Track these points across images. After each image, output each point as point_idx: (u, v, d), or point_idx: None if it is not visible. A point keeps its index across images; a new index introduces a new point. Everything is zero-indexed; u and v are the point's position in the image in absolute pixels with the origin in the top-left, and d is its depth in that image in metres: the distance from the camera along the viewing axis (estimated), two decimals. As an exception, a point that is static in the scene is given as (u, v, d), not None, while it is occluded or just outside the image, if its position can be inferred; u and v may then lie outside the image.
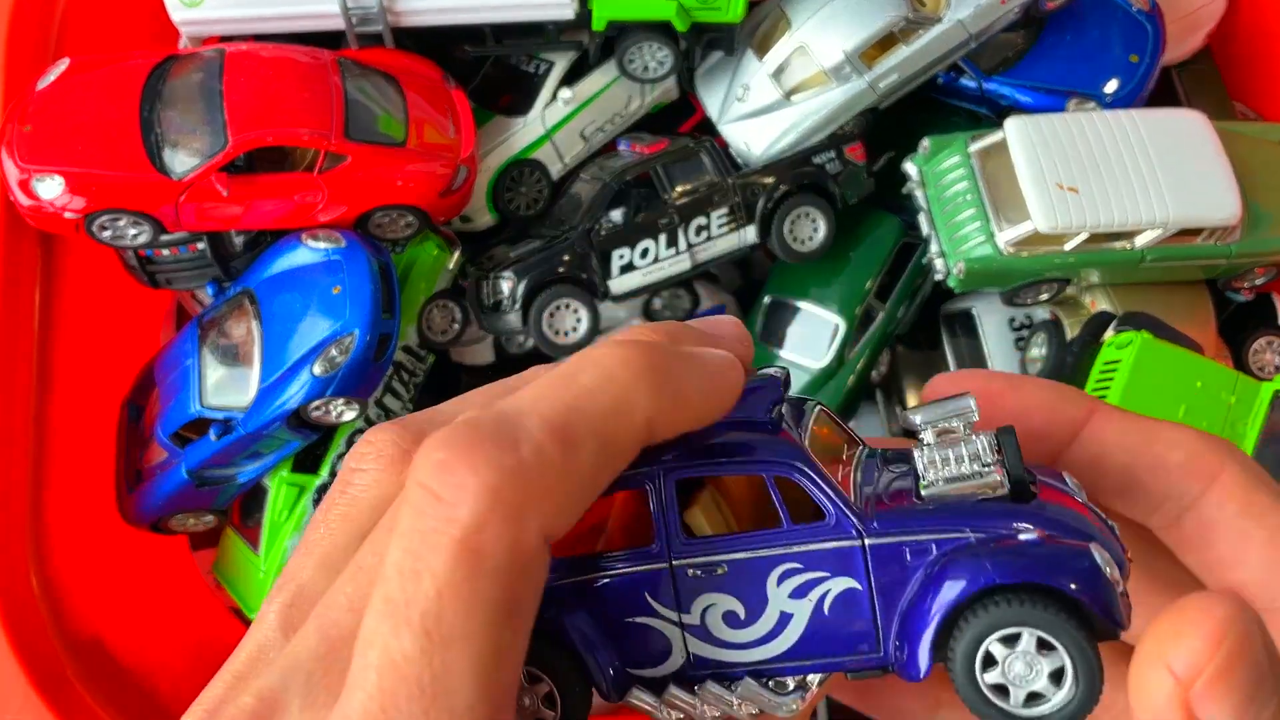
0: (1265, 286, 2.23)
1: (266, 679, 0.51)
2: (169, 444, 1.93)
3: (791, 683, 0.66)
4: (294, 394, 1.80)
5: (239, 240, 2.03)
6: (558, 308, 2.07)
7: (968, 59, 2.23)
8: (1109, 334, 1.97)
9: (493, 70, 2.28)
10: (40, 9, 2.05)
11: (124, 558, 2.02)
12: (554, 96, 2.22)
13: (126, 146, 1.83)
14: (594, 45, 2.18)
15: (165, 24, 2.00)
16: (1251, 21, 2.44)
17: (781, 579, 0.65)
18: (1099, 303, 2.16)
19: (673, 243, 2.11)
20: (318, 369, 1.80)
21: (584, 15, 2.06)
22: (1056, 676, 0.60)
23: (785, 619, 0.65)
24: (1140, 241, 2.01)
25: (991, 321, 2.23)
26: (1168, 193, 1.99)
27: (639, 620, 0.66)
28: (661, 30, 2.11)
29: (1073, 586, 0.59)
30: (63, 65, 1.92)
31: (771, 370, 0.69)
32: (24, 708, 1.66)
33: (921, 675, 0.62)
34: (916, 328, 2.33)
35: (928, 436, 0.66)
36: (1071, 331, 2.13)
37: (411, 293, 2.06)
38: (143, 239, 1.89)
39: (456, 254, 2.17)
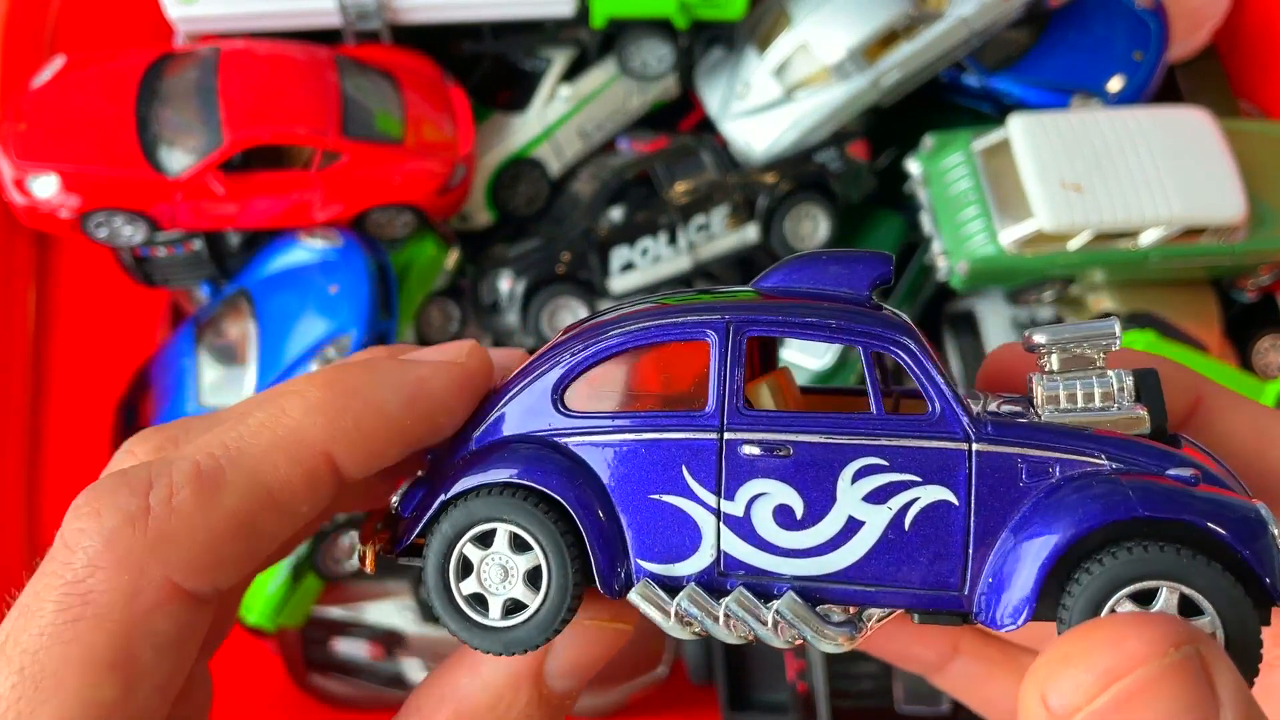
0: (1270, 286, 2.21)
1: None
2: (165, 445, 1.91)
3: (839, 614, 0.55)
4: (291, 394, 1.79)
5: (235, 239, 2.01)
6: (557, 307, 2.06)
7: (971, 56, 2.21)
8: (1113, 334, 1.95)
9: (491, 67, 2.26)
10: (36, 6, 2.04)
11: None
12: (553, 94, 2.20)
13: (122, 145, 1.81)
14: (593, 42, 2.16)
15: (161, 21, 1.98)
16: (1256, 19, 2.42)
17: (858, 476, 0.54)
18: (1103, 302, 2.14)
19: (673, 241, 2.10)
20: (315, 369, 1.78)
21: (583, 12, 2.05)
22: None
23: (853, 526, 0.54)
24: (1145, 240, 1.99)
25: (994, 321, 2.21)
26: (1172, 191, 1.97)
27: (666, 499, 0.56)
28: (661, 27, 2.10)
29: (1239, 540, 0.49)
30: (58, 63, 1.91)
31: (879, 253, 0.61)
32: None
33: (1019, 624, 0.52)
34: (919, 327, 2.30)
35: (1051, 363, 0.55)
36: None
37: (409, 292, 2.05)
38: (138, 238, 1.88)
39: (455, 253, 2.15)
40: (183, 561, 0.47)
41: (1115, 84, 2.22)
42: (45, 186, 1.79)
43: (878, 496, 0.54)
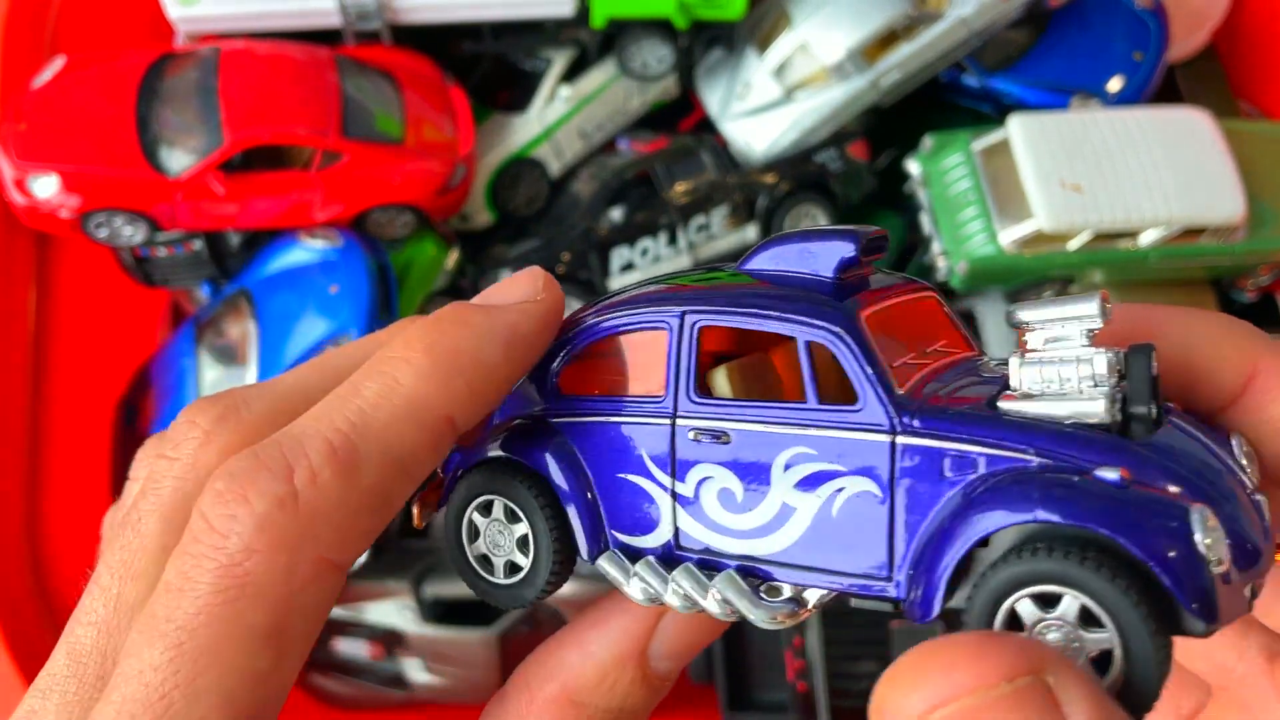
0: (1270, 286, 2.22)
1: (29, 703, 0.51)
2: (165, 445, 1.91)
3: (788, 591, 0.56)
4: (291, 394, 1.79)
5: (235, 239, 2.01)
6: (557, 307, 2.06)
7: (970, 56, 2.21)
8: (1112, 334, 1.96)
9: (491, 68, 2.26)
10: (36, 6, 2.04)
11: (120, 559, 2.00)
12: (553, 94, 2.20)
13: (122, 145, 1.81)
14: (593, 43, 2.17)
15: (161, 21, 1.98)
16: (1255, 19, 2.42)
17: (790, 464, 0.55)
18: (1102, 302, 2.14)
19: (673, 241, 2.10)
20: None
21: (583, 12, 2.05)
22: (1103, 662, 0.46)
23: (786, 512, 0.55)
24: (1144, 240, 1.99)
25: (994, 321, 2.22)
26: (1172, 191, 1.97)
27: (632, 479, 0.59)
28: (661, 27, 2.10)
29: (1145, 549, 0.44)
30: (58, 63, 1.91)
31: (868, 229, 0.59)
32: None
33: (931, 617, 0.51)
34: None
35: (1034, 340, 0.52)
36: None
37: (409, 292, 2.05)
38: (139, 238, 1.88)
39: (455, 253, 2.15)
40: (332, 539, 0.49)
41: (1115, 84, 2.22)
42: (45, 186, 1.79)
43: (807, 484, 0.55)
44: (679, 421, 0.58)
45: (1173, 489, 0.47)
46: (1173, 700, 0.65)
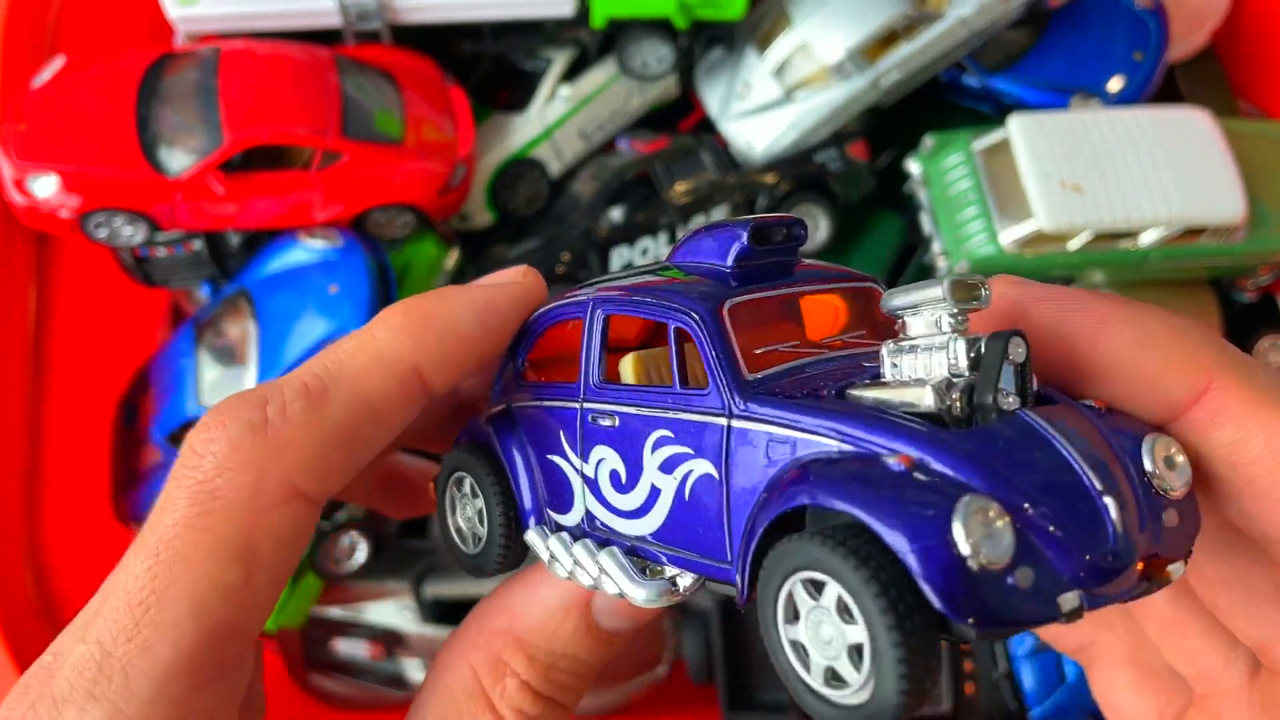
0: (1270, 286, 2.22)
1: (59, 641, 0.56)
2: (165, 445, 1.91)
3: (670, 572, 0.58)
4: (291, 394, 1.79)
5: (235, 239, 2.01)
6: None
7: (970, 56, 2.21)
8: (1113, 334, 1.96)
9: (491, 67, 2.26)
10: (35, 6, 2.04)
11: (120, 559, 2.00)
12: (553, 94, 2.20)
13: (122, 145, 1.81)
14: (593, 42, 2.17)
15: (161, 21, 1.98)
16: (1256, 19, 2.42)
17: (656, 446, 0.57)
18: (1102, 302, 2.14)
19: (673, 241, 2.10)
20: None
21: (583, 12, 2.05)
22: (857, 655, 0.44)
23: (655, 493, 0.57)
24: (1144, 240, 1.99)
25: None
26: (1172, 191, 1.97)
27: (555, 459, 0.63)
28: (661, 27, 2.10)
29: (894, 537, 0.41)
30: (58, 63, 1.91)
31: (769, 217, 0.60)
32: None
33: (742, 603, 0.52)
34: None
35: (913, 327, 0.50)
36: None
37: (409, 292, 2.04)
38: (138, 238, 1.88)
39: (455, 253, 2.15)
40: (297, 465, 0.54)
41: (1115, 84, 2.22)
42: (45, 186, 1.79)
43: (668, 466, 0.57)
44: (585, 405, 0.61)
45: (965, 480, 0.44)
46: (1157, 700, 0.65)
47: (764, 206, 2.12)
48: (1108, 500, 0.46)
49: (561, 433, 0.62)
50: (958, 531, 0.41)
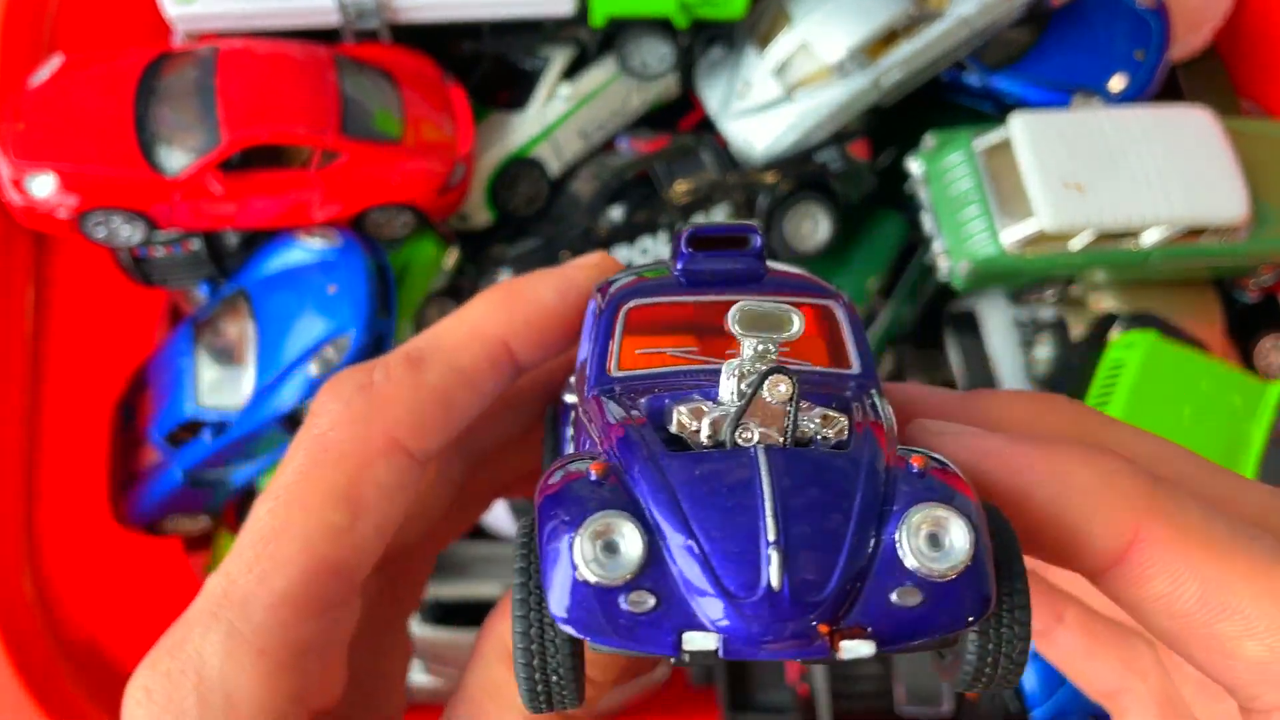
0: (1272, 286, 2.21)
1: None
2: (163, 445, 1.91)
3: None
4: (289, 395, 1.78)
5: (233, 239, 2.01)
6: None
7: (972, 55, 2.20)
8: (1115, 334, 1.95)
9: (491, 67, 2.25)
10: (34, 6, 2.03)
11: (118, 560, 2.00)
12: (553, 93, 2.20)
13: (120, 144, 1.80)
14: (593, 42, 2.16)
15: (159, 21, 1.97)
16: (1258, 17, 2.41)
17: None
18: (1104, 302, 2.14)
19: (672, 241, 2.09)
20: (313, 370, 1.78)
21: (583, 12, 2.04)
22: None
23: None
24: (1146, 240, 1.99)
25: (995, 321, 2.21)
26: (1174, 191, 1.96)
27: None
28: (661, 26, 2.09)
29: (540, 538, 0.44)
30: (56, 62, 1.90)
31: (708, 225, 0.60)
32: (17, 712, 1.65)
33: None
34: (920, 327, 2.30)
35: (742, 348, 0.50)
36: (1076, 332, 2.11)
37: (408, 292, 2.04)
38: (137, 238, 1.87)
39: (454, 252, 2.15)
40: (398, 419, 0.60)
41: (1117, 83, 2.22)
42: (43, 186, 1.79)
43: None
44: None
45: (637, 497, 0.44)
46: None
47: (764, 206, 2.12)
48: (771, 553, 0.42)
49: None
50: (577, 542, 0.43)
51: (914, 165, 2.15)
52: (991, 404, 0.57)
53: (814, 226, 2.16)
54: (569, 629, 0.43)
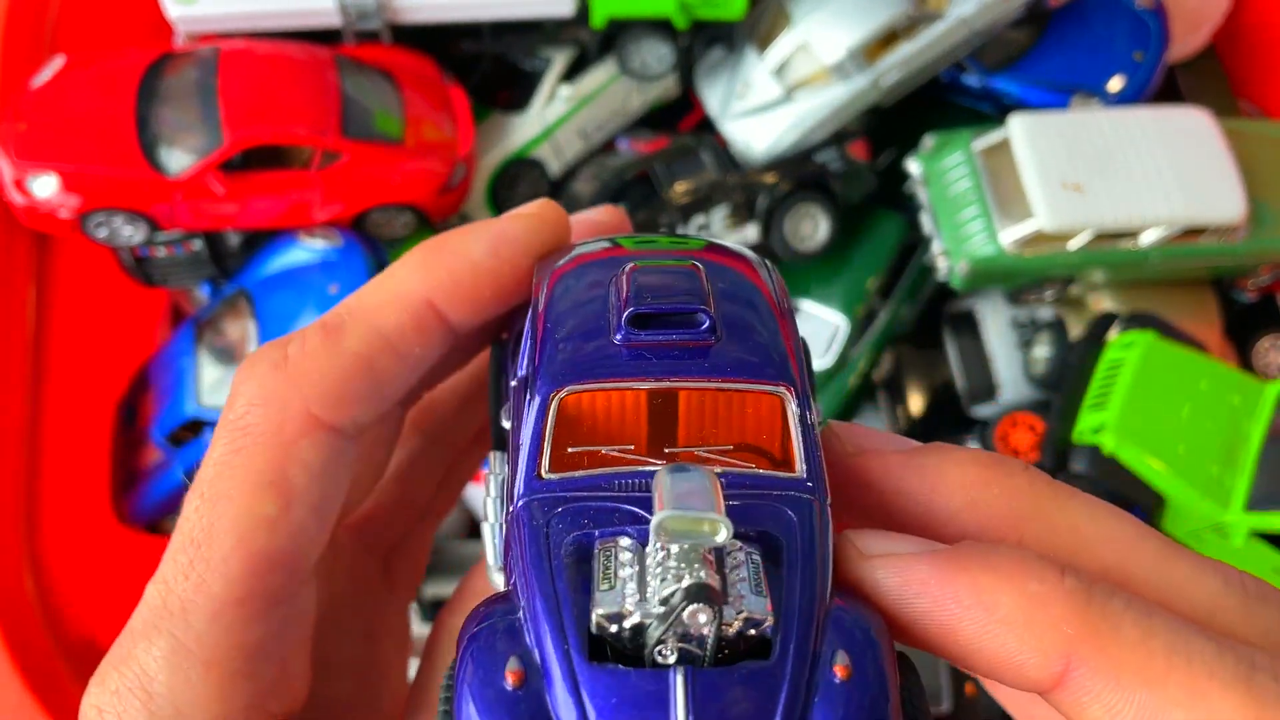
0: (1270, 286, 2.22)
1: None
2: (164, 445, 1.91)
3: None
4: (290, 394, 1.79)
5: (235, 239, 2.01)
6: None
7: (971, 56, 2.21)
8: (1113, 334, 1.96)
9: (491, 67, 2.26)
10: (35, 6, 2.04)
11: (120, 560, 2.00)
12: (553, 94, 2.20)
13: (122, 144, 1.81)
14: (593, 42, 2.16)
15: (161, 21, 1.98)
16: (1256, 18, 2.42)
17: None
18: (1103, 302, 2.14)
19: (673, 241, 2.09)
20: (314, 369, 1.78)
21: (583, 12, 2.05)
22: None
23: None
24: (1145, 240, 1.99)
25: (994, 321, 2.22)
26: (1173, 191, 1.97)
27: None
28: (661, 27, 2.10)
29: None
30: (58, 63, 1.91)
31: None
32: (18, 710, 1.65)
33: None
34: (919, 327, 2.31)
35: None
36: (1075, 331, 2.11)
37: (409, 292, 2.05)
38: (138, 238, 1.88)
39: (455, 253, 2.15)
40: (316, 393, 0.55)
41: (1115, 84, 2.22)
42: (45, 186, 1.79)
43: None
44: None
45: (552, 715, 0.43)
46: None
47: (764, 206, 2.12)
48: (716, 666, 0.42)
49: None
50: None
51: (913, 166, 2.15)
52: (941, 463, 0.53)
53: (813, 227, 2.16)
54: None
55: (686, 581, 0.42)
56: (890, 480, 0.53)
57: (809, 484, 0.50)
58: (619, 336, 0.52)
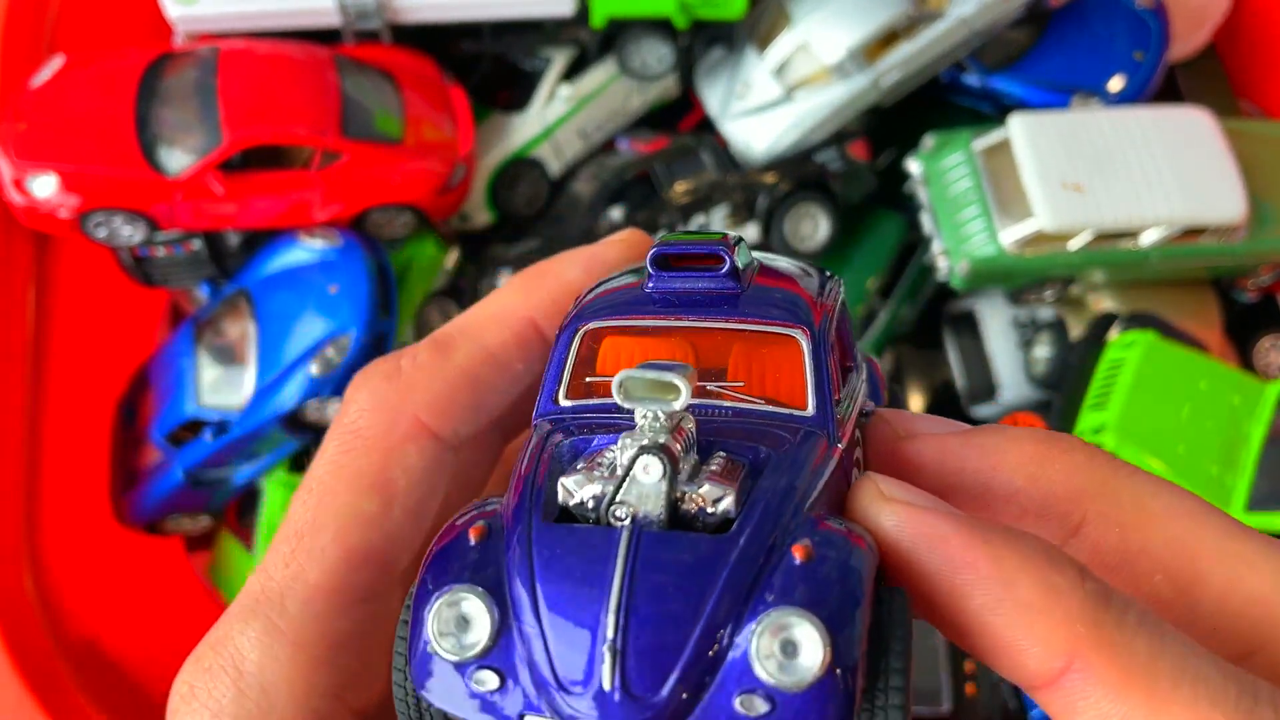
0: (1271, 286, 2.22)
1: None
2: (164, 445, 1.91)
3: None
4: (290, 395, 1.79)
5: (234, 239, 2.01)
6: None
7: (971, 56, 2.21)
8: (1113, 334, 1.95)
9: (491, 67, 2.26)
10: (35, 6, 2.04)
11: (119, 559, 2.00)
12: (553, 94, 2.20)
13: (121, 144, 1.81)
14: (593, 42, 2.16)
15: (160, 21, 1.98)
16: (1256, 18, 2.42)
17: None
18: (1104, 302, 2.14)
19: (673, 241, 2.09)
20: (314, 369, 1.78)
21: (583, 12, 2.05)
22: None
23: None
24: (1145, 240, 1.99)
25: (994, 321, 2.22)
26: (1173, 191, 1.97)
27: None
28: (661, 27, 2.10)
29: (415, 603, 0.45)
30: (57, 62, 1.91)
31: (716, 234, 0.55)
32: (18, 711, 1.65)
33: None
34: (919, 327, 2.31)
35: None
36: (1075, 331, 2.11)
37: (409, 292, 2.05)
38: (138, 238, 1.88)
39: (454, 253, 2.15)
40: (425, 402, 0.59)
41: (1116, 84, 2.22)
42: (44, 186, 1.79)
43: None
44: None
45: (509, 570, 0.44)
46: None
47: (764, 206, 2.12)
48: (605, 652, 0.41)
49: None
50: (430, 615, 0.43)
51: (913, 166, 2.15)
52: (1000, 442, 0.52)
53: (814, 226, 2.16)
54: (425, 696, 0.44)
55: (644, 442, 0.44)
56: (949, 461, 0.53)
57: (818, 421, 0.51)
58: (650, 285, 0.56)
